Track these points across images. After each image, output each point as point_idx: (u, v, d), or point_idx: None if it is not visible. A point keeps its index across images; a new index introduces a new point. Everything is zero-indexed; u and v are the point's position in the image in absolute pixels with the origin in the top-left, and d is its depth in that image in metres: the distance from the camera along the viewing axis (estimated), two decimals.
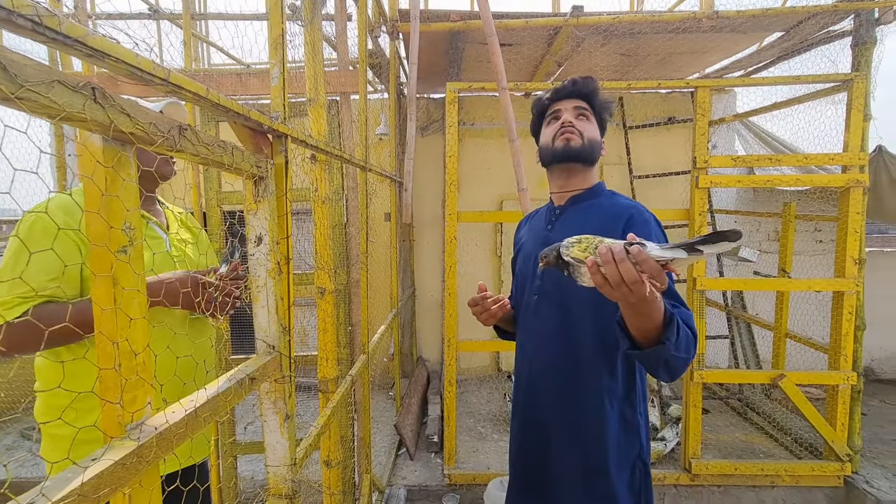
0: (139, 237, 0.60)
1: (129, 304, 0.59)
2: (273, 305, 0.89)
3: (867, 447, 2.85)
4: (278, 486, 0.97)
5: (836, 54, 2.49)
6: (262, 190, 0.90)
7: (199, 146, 0.69)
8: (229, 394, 0.75)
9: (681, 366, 0.86)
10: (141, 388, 0.61)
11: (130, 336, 0.59)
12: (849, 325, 2.34)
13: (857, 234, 2.30)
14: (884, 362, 4.32)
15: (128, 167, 0.58)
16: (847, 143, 2.31)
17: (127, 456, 0.55)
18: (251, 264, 0.90)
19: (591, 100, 1.13)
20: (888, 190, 3.08)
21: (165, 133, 0.61)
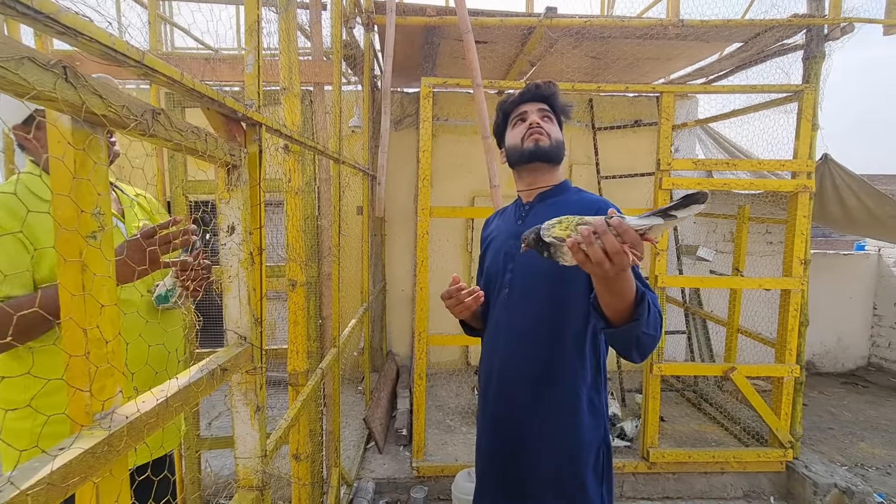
0: (109, 223, 0.59)
1: (100, 291, 0.57)
2: (245, 296, 0.88)
3: (807, 435, 3.07)
4: (248, 477, 0.96)
5: (789, 66, 2.65)
6: (234, 179, 0.88)
7: (173, 131, 0.67)
8: (201, 384, 0.74)
9: (650, 344, 0.91)
10: (111, 377, 0.60)
11: (101, 323, 0.58)
12: (794, 321, 2.51)
13: (803, 236, 2.46)
14: (823, 357, 4.65)
15: (98, 150, 0.56)
16: (797, 150, 2.47)
17: (97, 445, 0.54)
18: (223, 254, 0.88)
19: (552, 103, 1.18)
20: (832, 196, 3.30)
21: (139, 116, 0.59)
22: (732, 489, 2.62)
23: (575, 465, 1.09)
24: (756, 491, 2.62)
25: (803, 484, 2.50)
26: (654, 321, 0.90)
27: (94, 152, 0.55)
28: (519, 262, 1.14)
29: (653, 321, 0.89)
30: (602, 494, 1.11)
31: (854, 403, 3.86)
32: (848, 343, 4.67)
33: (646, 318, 0.87)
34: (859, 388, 4.24)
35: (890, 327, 4.53)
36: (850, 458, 2.97)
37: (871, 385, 4.29)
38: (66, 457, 0.51)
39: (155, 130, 0.63)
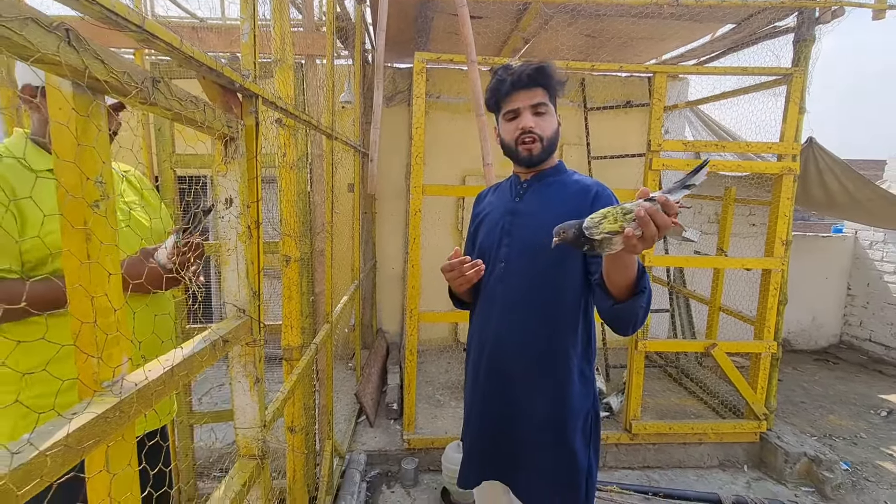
0: (112, 192, 0.58)
1: (105, 259, 0.57)
2: (243, 269, 0.88)
3: (780, 408, 3.22)
4: (249, 446, 0.99)
5: (779, 49, 2.67)
6: (232, 151, 0.88)
7: (173, 100, 0.67)
8: (204, 354, 0.75)
9: (643, 317, 1.00)
10: (117, 346, 0.61)
11: (109, 291, 0.58)
12: (774, 299, 2.60)
13: (786, 218, 2.53)
14: (798, 335, 4.83)
15: (99, 117, 0.55)
16: (783, 133, 2.52)
17: (109, 410, 0.55)
18: (221, 227, 0.88)
19: (548, 86, 1.14)
20: (815, 179, 3.38)
21: (139, 84, 0.58)
22: (709, 458, 2.75)
23: (563, 433, 1.13)
24: (731, 460, 2.76)
25: (775, 453, 2.63)
26: (649, 295, 0.98)
27: (97, 119, 0.55)
28: (515, 238, 1.17)
29: (649, 295, 0.98)
30: (589, 456, 1.17)
31: (825, 379, 4.04)
32: (822, 322, 4.86)
33: (649, 289, 0.96)
34: (830, 364, 4.43)
35: (862, 307, 4.72)
36: (819, 429, 3.14)
37: (842, 362, 4.49)
38: (82, 420, 0.53)
39: (155, 98, 0.62)
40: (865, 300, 4.68)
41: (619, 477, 2.61)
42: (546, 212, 1.14)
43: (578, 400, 1.14)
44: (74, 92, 0.51)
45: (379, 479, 2.54)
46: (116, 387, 0.59)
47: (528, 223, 1.16)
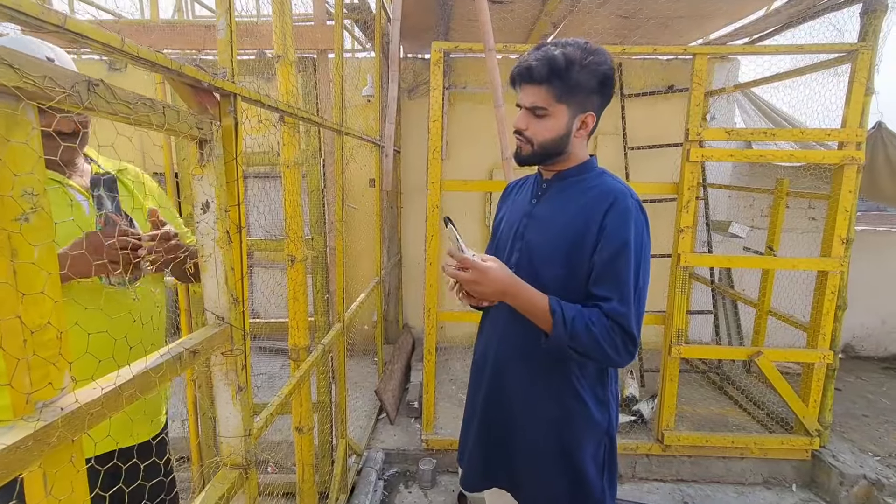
0: (44, 203, 0.55)
1: (35, 277, 0.54)
2: (222, 276, 0.84)
3: (838, 421, 2.92)
4: (232, 456, 0.96)
5: (843, 23, 2.36)
6: (207, 153, 0.83)
7: (117, 104, 0.62)
8: (160, 370, 0.71)
9: (598, 357, 0.96)
10: (52, 366, 0.58)
11: (40, 311, 0.55)
12: (830, 304, 2.33)
13: (846, 214, 2.26)
14: (864, 339, 4.38)
15: (16, 127, 0.51)
16: (846, 118, 2.23)
17: (25, 438, 0.52)
18: (198, 232, 0.85)
19: (555, 84, 0.97)
20: (884, 169, 3.01)
21: (67, 89, 0.54)
22: (752, 475, 2.53)
23: (571, 455, 1.05)
24: (777, 478, 2.53)
25: (829, 473, 2.39)
26: (583, 339, 0.94)
27: (14, 130, 0.51)
28: (527, 243, 1.09)
29: (581, 339, 0.94)
30: (603, 487, 1.08)
31: (894, 390, 3.64)
32: (893, 326, 4.37)
33: (563, 335, 0.93)
34: None
35: None
36: (884, 448, 2.81)
37: None
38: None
39: (93, 103, 0.58)
40: None
41: (648, 490, 2.45)
42: (558, 219, 1.05)
43: (589, 424, 1.04)
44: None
45: (397, 478, 2.52)
46: (51, 409, 0.56)
47: (541, 229, 1.08)
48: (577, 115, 1.01)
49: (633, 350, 0.96)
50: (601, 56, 0.98)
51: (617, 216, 0.98)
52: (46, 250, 0.55)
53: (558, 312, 0.94)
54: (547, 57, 0.97)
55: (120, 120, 0.64)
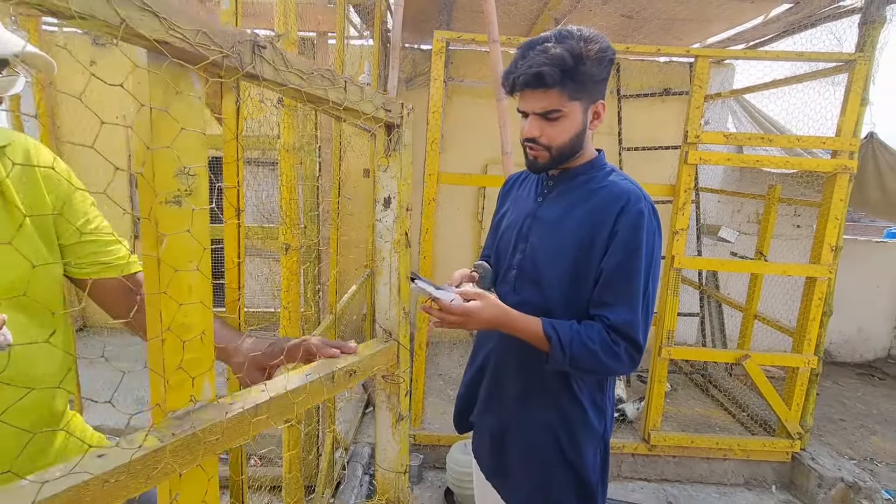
0: (202, 185, 0.44)
1: (183, 272, 0.45)
2: (396, 284, 0.74)
3: (816, 425, 2.98)
4: (387, 490, 0.88)
5: (842, 32, 2.39)
6: (394, 141, 0.74)
7: (288, 73, 0.48)
8: (302, 392, 0.57)
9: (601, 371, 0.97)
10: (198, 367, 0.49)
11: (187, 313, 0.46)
12: (817, 310, 2.37)
13: (837, 222, 2.29)
14: (841, 346, 4.49)
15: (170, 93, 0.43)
16: (840, 127, 2.26)
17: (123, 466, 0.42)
18: (376, 232, 0.75)
19: (567, 85, 0.92)
20: (872, 179, 3.07)
21: (226, 48, 0.41)
22: (734, 475, 2.57)
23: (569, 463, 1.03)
24: (758, 479, 2.57)
25: (808, 476, 2.43)
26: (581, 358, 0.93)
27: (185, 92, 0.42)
28: (531, 245, 1.05)
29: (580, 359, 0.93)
30: (597, 492, 1.07)
31: (869, 396, 3.74)
32: (869, 333, 4.50)
33: (560, 357, 0.92)
34: (875, 380, 4.11)
35: None
36: (859, 451, 2.89)
37: (889, 378, 4.15)
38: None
39: (256, 69, 0.45)
40: None
41: (633, 489, 2.47)
42: (565, 221, 1.00)
43: (588, 430, 1.03)
44: (150, 62, 0.39)
45: None
46: (179, 423, 0.45)
47: (546, 232, 1.03)
48: (589, 108, 0.98)
49: (637, 358, 0.94)
50: (602, 41, 0.93)
51: (629, 221, 0.93)
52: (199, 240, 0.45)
53: (554, 338, 0.92)
54: (553, 58, 0.89)
55: (288, 93, 0.52)
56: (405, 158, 0.70)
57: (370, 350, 0.71)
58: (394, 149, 0.70)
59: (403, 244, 0.72)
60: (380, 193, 0.72)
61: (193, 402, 0.47)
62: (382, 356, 0.72)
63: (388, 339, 0.74)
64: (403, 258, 0.73)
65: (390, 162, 0.70)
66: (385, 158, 0.70)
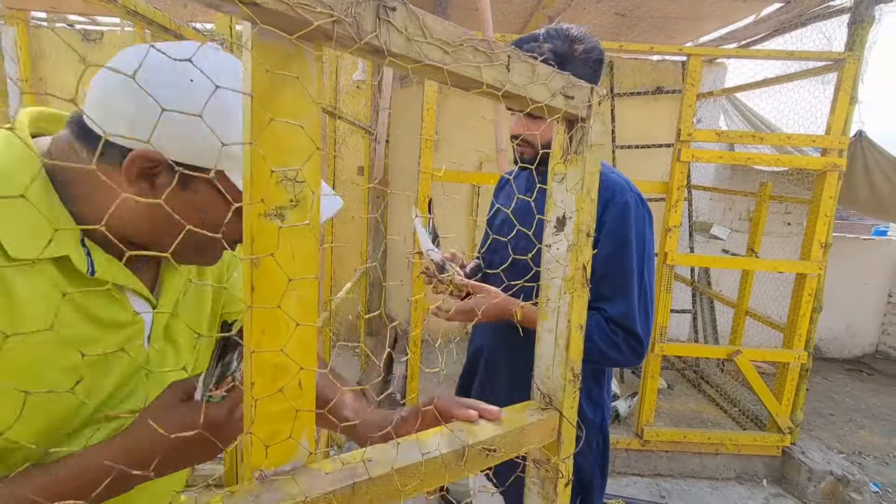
0: (309, 196, 0.34)
1: (283, 304, 0.35)
2: (564, 333, 0.53)
3: (806, 420, 3.03)
4: None
5: (832, 31, 2.42)
6: (578, 139, 0.51)
7: (427, 44, 0.36)
8: (416, 473, 0.42)
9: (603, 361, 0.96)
10: (296, 419, 0.40)
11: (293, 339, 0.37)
12: (807, 306, 2.40)
13: (826, 219, 2.32)
14: (830, 342, 4.56)
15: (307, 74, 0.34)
16: (830, 125, 2.29)
17: None
18: (544, 262, 0.55)
19: None
20: (861, 177, 3.11)
21: (338, 12, 0.30)
22: (725, 470, 2.60)
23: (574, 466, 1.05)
24: (749, 473, 2.61)
25: (798, 469, 2.47)
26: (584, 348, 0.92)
27: (303, 76, 0.33)
28: (524, 241, 1.06)
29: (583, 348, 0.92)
30: (594, 483, 1.08)
31: (857, 391, 3.80)
32: (857, 329, 4.57)
33: None
34: (864, 375, 4.17)
35: None
36: (848, 445, 2.94)
37: (877, 373, 4.22)
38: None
39: (382, 40, 0.33)
40: None
41: (626, 483, 2.49)
42: None
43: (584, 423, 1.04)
44: (260, 38, 0.30)
45: None
46: (259, 486, 0.35)
47: (537, 227, 1.04)
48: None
49: (639, 349, 0.94)
50: (588, 42, 0.95)
51: (616, 212, 0.95)
52: (304, 265, 0.35)
53: None
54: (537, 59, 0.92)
55: (424, 73, 0.38)
56: (591, 164, 0.50)
57: (520, 418, 0.51)
58: (576, 150, 0.50)
59: (580, 282, 0.51)
60: (551, 211, 0.54)
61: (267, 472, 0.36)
62: (538, 430, 0.52)
63: (546, 407, 0.55)
64: (578, 300, 0.51)
65: (569, 169, 0.51)
66: (562, 163, 0.51)
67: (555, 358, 0.55)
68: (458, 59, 0.38)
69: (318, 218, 0.35)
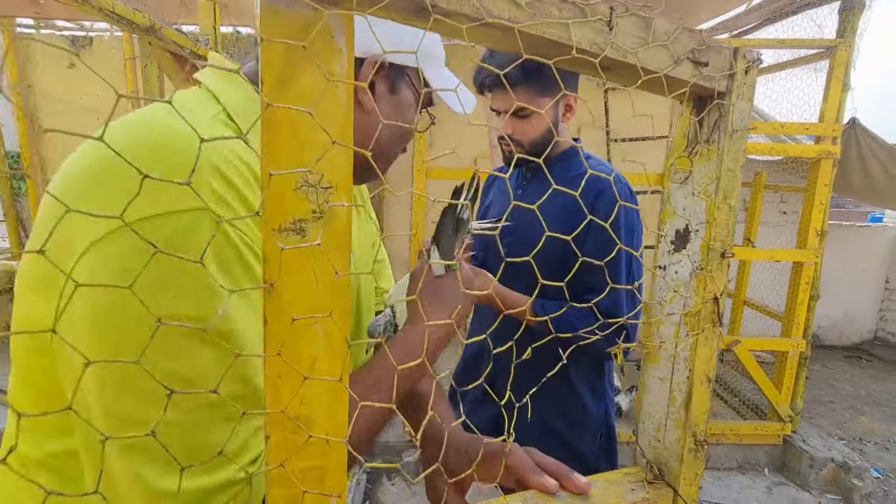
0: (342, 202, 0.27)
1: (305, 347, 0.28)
2: (683, 387, 0.42)
3: (806, 408, 3.03)
4: None
5: (823, 19, 2.41)
6: (709, 127, 0.40)
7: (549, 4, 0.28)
8: None
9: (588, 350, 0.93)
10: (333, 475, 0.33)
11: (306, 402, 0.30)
12: (805, 294, 2.41)
13: (822, 206, 2.32)
14: (828, 329, 4.57)
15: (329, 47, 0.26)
16: (823, 113, 2.29)
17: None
18: (654, 292, 0.45)
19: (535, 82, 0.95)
20: (856, 164, 3.12)
21: None
22: (727, 460, 2.61)
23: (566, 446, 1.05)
24: (750, 462, 2.61)
25: (799, 458, 2.48)
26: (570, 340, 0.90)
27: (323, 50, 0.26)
28: (515, 236, 1.08)
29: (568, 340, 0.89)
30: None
31: (856, 377, 3.81)
32: (855, 316, 4.58)
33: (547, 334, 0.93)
34: (863, 361, 4.19)
35: None
36: (848, 432, 2.95)
37: (876, 359, 4.23)
38: None
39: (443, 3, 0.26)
40: None
41: None
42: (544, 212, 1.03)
43: (585, 415, 1.05)
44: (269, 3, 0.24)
45: (380, 470, 2.49)
46: None
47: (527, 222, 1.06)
48: (560, 102, 1.01)
49: (630, 339, 0.96)
50: None
51: (605, 206, 0.97)
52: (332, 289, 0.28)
53: (540, 314, 0.94)
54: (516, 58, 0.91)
55: (488, 38, 0.31)
56: (731, 157, 0.37)
57: (617, 492, 0.40)
58: (708, 139, 0.37)
59: (709, 320, 0.39)
60: (668, 222, 0.41)
61: None
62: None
63: (654, 480, 0.42)
64: (705, 346, 0.39)
65: (696, 165, 0.38)
66: (686, 159, 0.38)
67: (668, 417, 0.42)
68: (537, 15, 0.29)
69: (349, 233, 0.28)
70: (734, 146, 0.37)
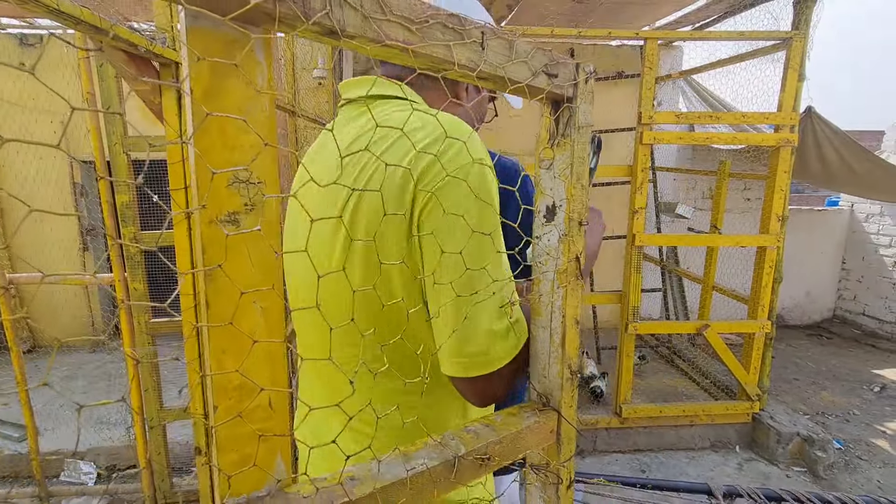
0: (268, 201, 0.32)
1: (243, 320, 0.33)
2: (559, 329, 0.50)
3: (773, 386, 3.17)
4: None
5: (779, 11, 2.50)
6: (565, 122, 0.49)
7: (388, 22, 0.33)
8: (404, 488, 0.38)
9: None
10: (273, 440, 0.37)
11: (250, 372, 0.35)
12: (768, 277, 2.50)
13: (782, 193, 2.42)
14: (792, 310, 4.78)
15: (251, 63, 0.30)
16: (781, 102, 2.37)
17: None
18: (535, 254, 0.54)
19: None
20: (813, 151, 3.25)
21: None
22: (700, 440, 2.70)
23: None
24: (722, 441, 2.72)
25: (767, 433, 2.59)
26: None
27: (247, 65, 0.30)
28: None
29: None
30: None
31: (818, 354, 4.01)
32: (816, 296, 4.81)
33: None
34: (823, 339, 4.40)
35: (856, 281, 4.66)
36: (812, 406, 3.10)
37: (835, 336, 4.45)
38: None
39: (337, 20, 0.31)
40: (860, 274, 4.62)
41: (608, 461, 2.55)
42: None
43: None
44: (197, 26, 0.28)
45: None
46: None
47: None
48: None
49: None
50: None
51: (525, 185, 1.02)
52: (265, 274, 0.32)
53: None
54: None
55: (388, 55, 0.35)
56: (580, 147, 0.47)
57: (516, 421, 0.48)
58: (563, 134, 0.47)
59: (574, 274, 0.49)
60: (540, 200, 0.51)
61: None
62: (536, 433, 0.49)
63: (543, 408, 0.51)
64: (572, 295, 0.49)
65: (556, 154, 0.48)
66: (549, 149, 0.48)
67: (550, 355, 0.51)
68: (425, 38, 0.35)
69: (278, 219, 0.32)
70: (581, 139, 0.48)
